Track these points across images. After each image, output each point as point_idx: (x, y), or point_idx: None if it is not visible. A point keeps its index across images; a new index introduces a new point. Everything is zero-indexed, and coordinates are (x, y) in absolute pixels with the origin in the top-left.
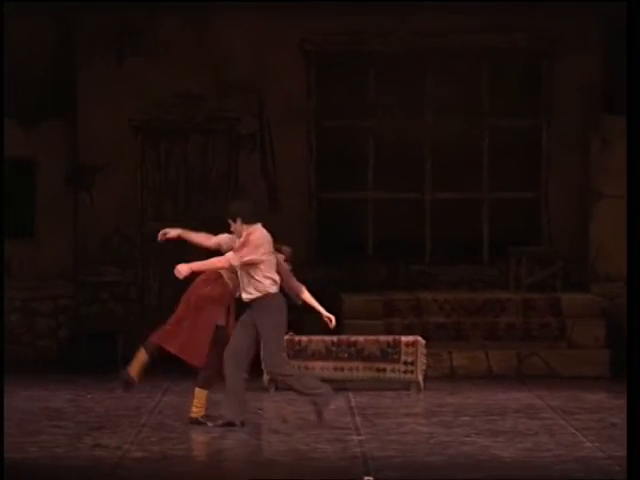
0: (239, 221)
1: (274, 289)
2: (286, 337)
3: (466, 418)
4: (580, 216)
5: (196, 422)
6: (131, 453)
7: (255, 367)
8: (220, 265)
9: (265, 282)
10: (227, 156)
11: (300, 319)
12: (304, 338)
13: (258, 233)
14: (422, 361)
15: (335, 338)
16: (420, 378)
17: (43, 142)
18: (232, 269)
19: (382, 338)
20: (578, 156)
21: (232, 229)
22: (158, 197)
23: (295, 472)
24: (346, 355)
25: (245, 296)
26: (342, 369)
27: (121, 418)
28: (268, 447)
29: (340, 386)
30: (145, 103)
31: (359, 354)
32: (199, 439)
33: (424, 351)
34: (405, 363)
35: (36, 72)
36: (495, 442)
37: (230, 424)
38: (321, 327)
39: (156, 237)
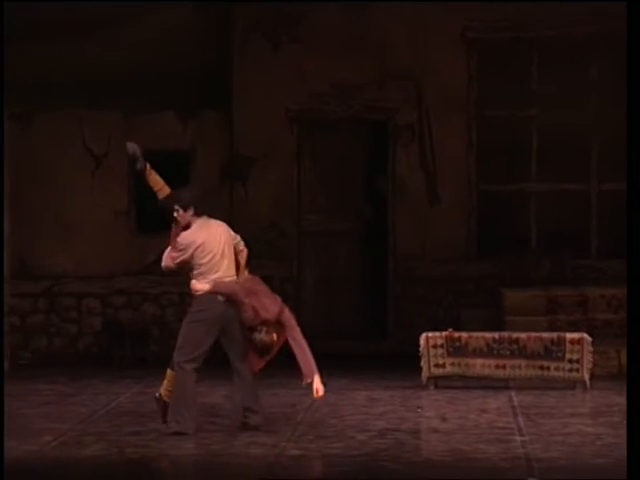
0: (191, 211)
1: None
2: (445, 333)
3: None
4: None
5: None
6: (287, 451)
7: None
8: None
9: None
10: (384, 147)
11: (459, 315)
12: (464, 334)
13: (192, 232)
14: (588, 359)
15: (496, 335)
16: (586, 377)
17: (200, 133)
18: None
19: (546, 335)
20: None
21: (177, 216)
22: (314, 190)
23: (455, 473)
24: (508, 352)
25: None
26: (504, 367)
27: (277, 415)
28: (427, 447)
29: (502, 384)
30: (302, 93)
31: (522, 351)
32: (357, 438)
33: (590, 349)
34: (570, 361)
35: (193, 63)
36: None
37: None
38: (482, 323)
39: (312, 230)
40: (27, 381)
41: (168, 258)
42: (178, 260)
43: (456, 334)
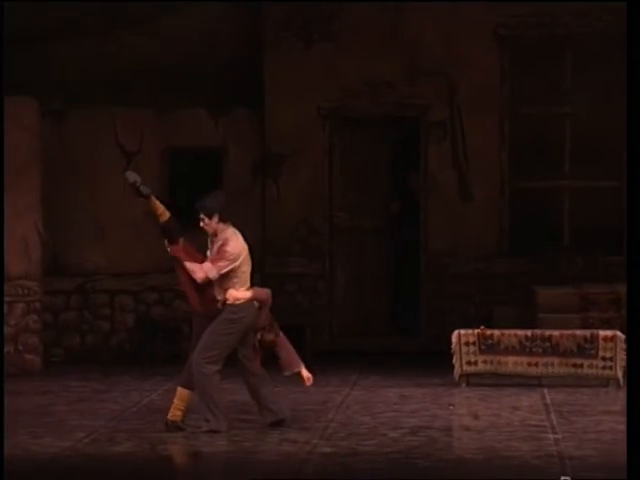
0: (216, 218)
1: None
2: (477, 331)
3: None
4: None
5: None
6: (319, 448)
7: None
8: (195, 272)
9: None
10: (416, 144)
11: (491, 312)
12: (496, 332)
13: (232, 244)
14: (621, 357)
15: (529, 332)
16: (619, 374)
17: (231, 131)
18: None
19: (579, 333)
20: None
21: (202, 224)
22: (345, 187)
23: (487, 471)
24: (540, 350)
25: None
26: (536, 364)
27: (308, 412)
28: (459, 444)
29: (534, 382)
30: (334, 90)
31: (554, 349)
32: (389, 435)
33: (623, 346)
34: (603, 359)
35: (225, 61)
36: None
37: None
38: (514, 321)
39: (343, 227)
40: (60, 378)
41: (213, 269)
42: (226, 269)
43: (488, 331)
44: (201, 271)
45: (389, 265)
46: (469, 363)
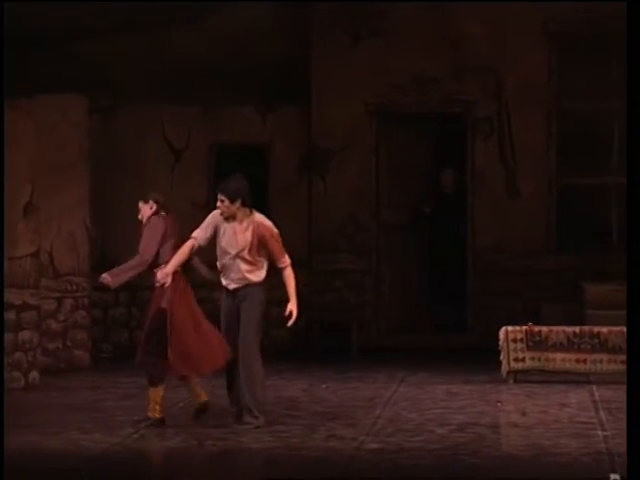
0: (238, 203)
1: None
2: (525, 327)
3: None
4: None
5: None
6: (366, 445)
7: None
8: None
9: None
10: (463, 140)
11: (539, 309)
12: (544, 329)
13: (274, 228)
14: None
15: (577, 329)
16: None
17: (278, 127)
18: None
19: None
20: None
21: (222, 207)
22: (392, 183)
23: (535, 468)
24: (589, 347)
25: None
26: (584, 361)
27: (356, 409)
28: (507, 441)
29: (582, 379)
30: (380, 86)
31: (603, 346)
32: (436, 431)
33: None
34: None
35: (272, 57)
36: None
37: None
38: (562, 317)
39: (390, 224)
40: (108, 374)
41: (286, 256)
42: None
43: (536, 328)
44: (292, 271)
45: (436, 261)
46: (516, 360)
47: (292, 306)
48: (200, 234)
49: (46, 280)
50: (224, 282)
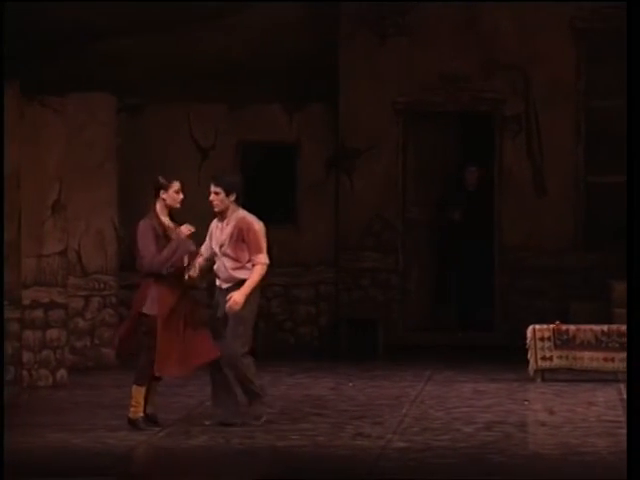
0: (232, 197)
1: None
2: (552, 326)
3: None
4: None
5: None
6: (393, 443)
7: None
8: (260, 276)
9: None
10: (491, 138)
11: (567, 307)
12: (572, 327)
13: (256, 224)
14: None
15: (605, 327)
16: None
17: (305, 126)
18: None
19: None
20: None
21: (216, 200)
22: (419, 182)
23: (563, 466)
24: (617, 345)
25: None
26: (612, 360)
27: (382, 407)
28: (534, 440)
29: (610, 377)
30: (409, 85)
31: None
32: (463, 430)
33: None
34: None
35: (299, 56)
36: None
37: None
38: (590, 316)
39: (417, 222)
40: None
41: (264, 255)
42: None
43: (564, 326)
44: (261, 271)
45: (463, 259)
46: (544, 358)
47: (236, 295)
48: (203, 248)
49: (74, 278)
50: (217, 282)
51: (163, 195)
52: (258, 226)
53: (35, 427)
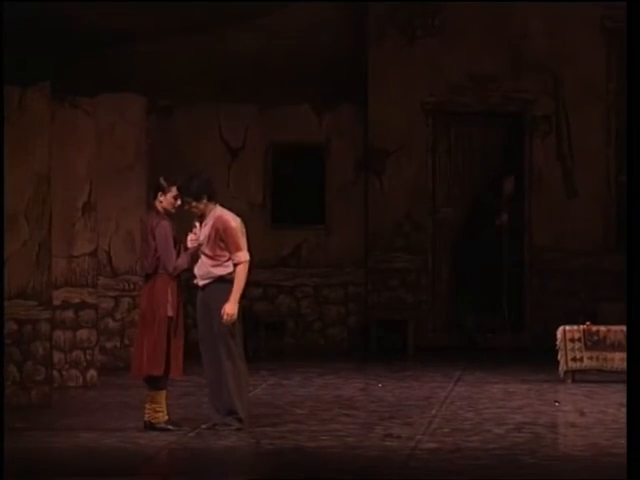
0: (204, 200)
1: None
2: (583, 327)
3: None
4: None
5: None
6: (423, 444)
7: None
8: (245, 276)
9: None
10: (521, 139)
11: (597, 308)
12: (602, 328)
13: (232, 221)
14: None
15: None
16: None
17: (335, 126)
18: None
19: None
20: None
21: (191, 209)
22: (448, 182)
23: (594, 468)
24: None
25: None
26: None
27: (412, 408)
28: (565, 441)
29: None
30: (438, 85)
31: None
32: (493, 431)
33: None
34: None
35: (329, 57)
36: None
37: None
38: (620, 317)
39: (446, 223)
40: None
41: (244, 253)
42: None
43: (594, 327)
44: (244, 270)
45: (493, 260)
46: (574, 359)
47: (227, 307)
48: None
49: (104, 279)
50: (195, 281)
51: (161, 197)
52: (235, 223)
53: (65, 427)
